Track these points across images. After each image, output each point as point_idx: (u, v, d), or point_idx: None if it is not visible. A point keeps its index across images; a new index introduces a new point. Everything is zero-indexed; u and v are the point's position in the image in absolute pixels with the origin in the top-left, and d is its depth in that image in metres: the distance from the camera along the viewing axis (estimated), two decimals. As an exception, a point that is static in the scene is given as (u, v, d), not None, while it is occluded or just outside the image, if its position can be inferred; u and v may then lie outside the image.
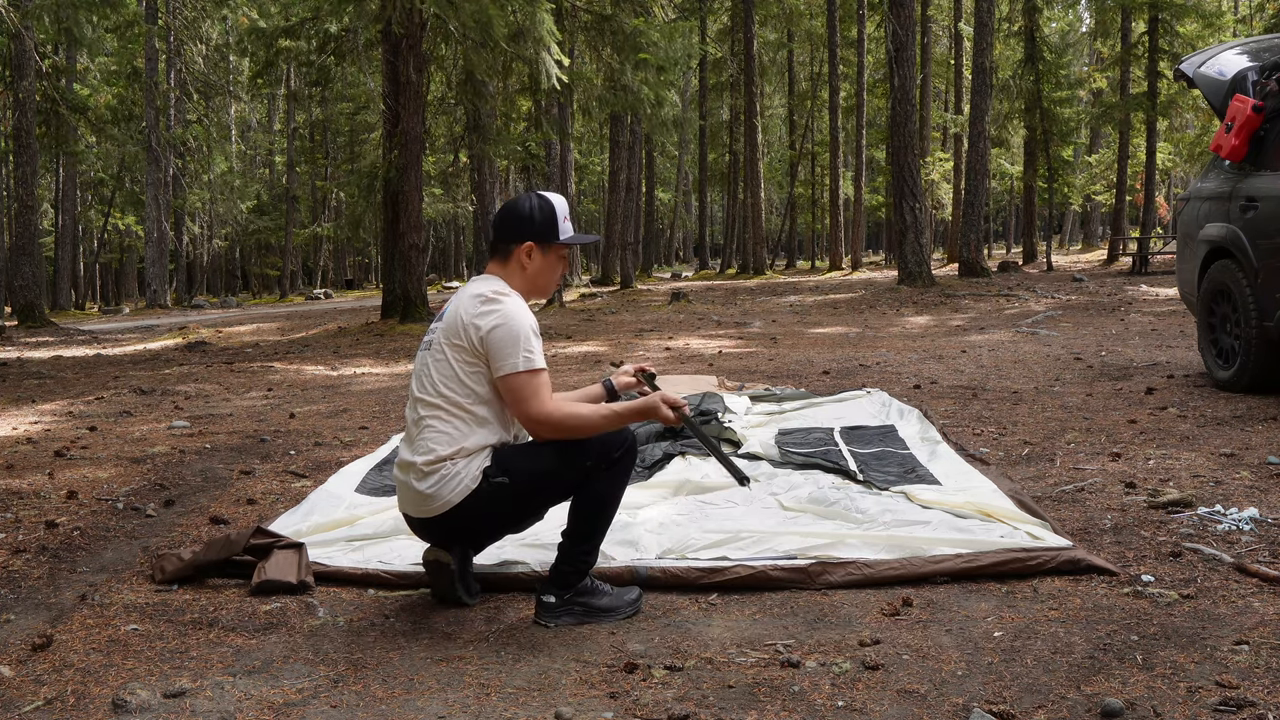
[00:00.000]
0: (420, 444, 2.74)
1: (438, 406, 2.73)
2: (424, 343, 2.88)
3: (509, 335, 2.69)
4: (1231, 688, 2.18)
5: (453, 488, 2.70)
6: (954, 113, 34.75)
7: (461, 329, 2.72)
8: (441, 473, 2.70)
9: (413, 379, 2.86)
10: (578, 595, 2.76)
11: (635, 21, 15.17)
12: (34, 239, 19.06)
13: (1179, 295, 7.37)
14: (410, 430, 2.81)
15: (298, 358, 11.30)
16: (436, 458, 2.70)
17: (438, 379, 2.75)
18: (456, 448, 2.71)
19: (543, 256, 2.86)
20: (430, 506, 2.73)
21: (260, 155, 46.16)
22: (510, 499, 2.74)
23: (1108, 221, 38.36)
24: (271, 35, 14.73)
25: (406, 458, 2.78)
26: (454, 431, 2.72)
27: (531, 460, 2.75)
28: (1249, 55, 6.51)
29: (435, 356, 2.77)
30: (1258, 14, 24.51)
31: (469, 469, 2.70)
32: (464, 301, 2.77)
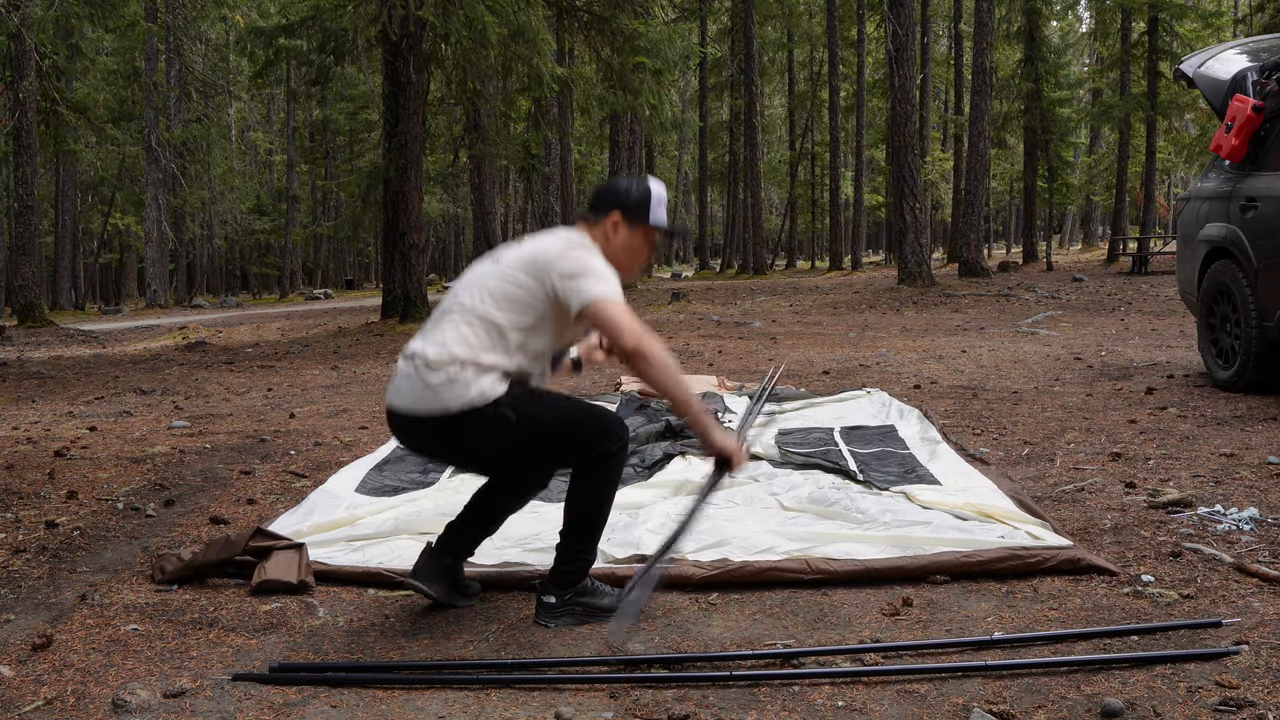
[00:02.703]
0: (435, 337, 2.66)
1: (473, 311, 2.66)
2: (488, 256, 2.81)
3: (596, 267, 2.62)
4: (1231, 688, 2.18)
5: (457, 394, 2.60)
6: (954, 113, 34.76)
7: (542, 262, 2.65)
8: (451, 374, 2.60)
9: (463, 283, 2.77)
10: (578, 595, 2.74)
11: (635, 23, 15.16)
12: (34, 239, 19.06)
13: (1179, 295, 7.37)
14: (428, 325, 2.74)
15: (298, 358, 11.31)
16: (450, 356, 2.61)
17: (489, 290, 2.67)
18: (472, 356, 2.62)
19: (628, 233, 2.80)
20: (427, 404, 2.62)
21: (260, 155, 46.17)
22: (506, 435, 2.64)
23: (1108, 221, 38.37)
24: (271, 35, 14.73)
25: (417, 348, 2.69)
26: (475, 340, 2.63)
27: (544, 411, 2.67)
28: (1249, 55, 6.52)
29: (502, 273, 2.70)
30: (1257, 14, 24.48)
31: (479, 384, 2.60)
32: (550, 240, 2.71)
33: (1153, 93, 24.65)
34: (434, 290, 31.09)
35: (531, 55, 13.15)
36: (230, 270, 51.27)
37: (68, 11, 15.16)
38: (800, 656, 2.44)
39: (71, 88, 23.56)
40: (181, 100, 31.95)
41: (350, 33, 13.39)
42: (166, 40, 29.46)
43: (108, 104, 28.03)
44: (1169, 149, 29.39)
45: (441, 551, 2.85)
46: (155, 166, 28.47)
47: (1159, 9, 24.28)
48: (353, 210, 21.44)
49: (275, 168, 45.74)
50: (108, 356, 12.41)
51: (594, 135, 37.78)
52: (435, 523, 3.54)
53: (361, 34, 13.39)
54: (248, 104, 44.03)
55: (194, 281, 44.82)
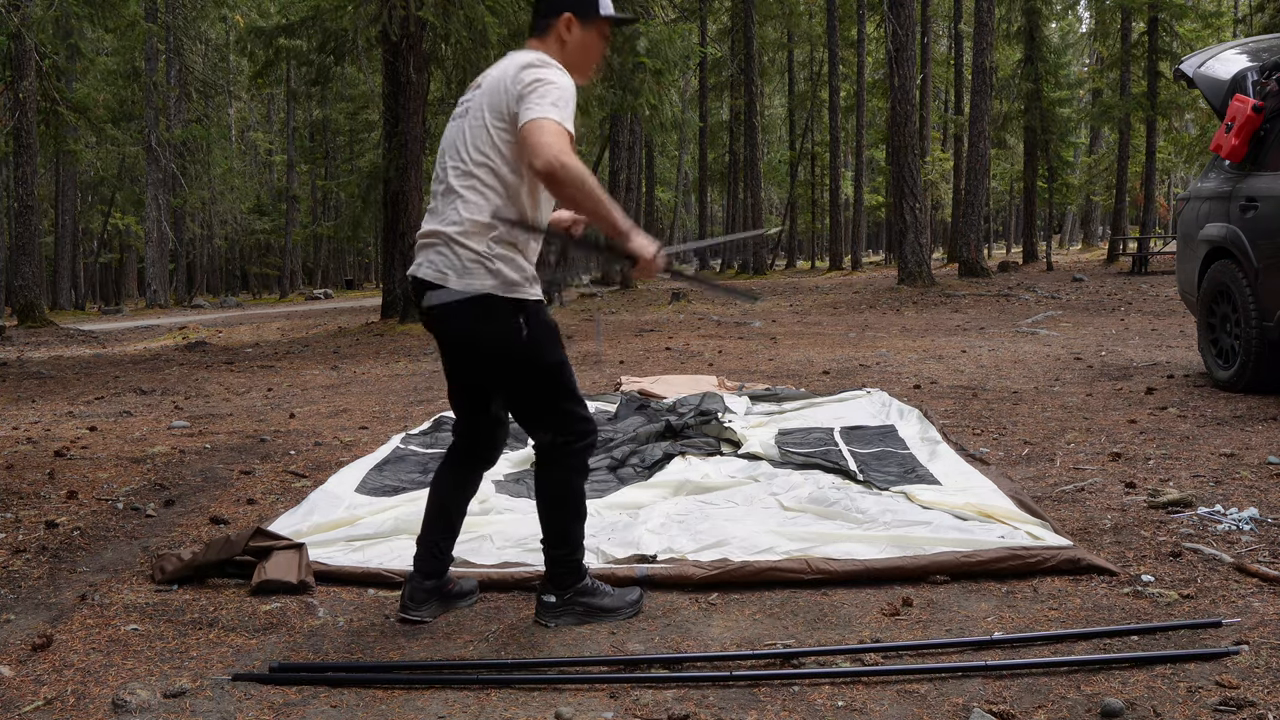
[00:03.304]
0: (451, 213, 2.60)
1: (471, 174, 2.59)
2: (457, 113, 2.72)
3: (549, 88, 2.50)
4: (1231, 688, 2.18)
5: (482, 278, 2.55)
6: (954, 113, 34.77)
7: (503, 91, 2.56)
8: (481, 254, 2.55)
9: (442, 153, 2.71)
10: (578, 595, 2.73)
11: (636, 24, 15.16)
12: (34, 239, 19.07)
13: (1179, 295, 7.37)
14: (438, 204, 2.67)
15: (298, 358, 11.31)
16: (474, 224, 2.56)
17: (472, 145, 2.60)
18: (489, 218, 2.56)
19: (582, 30, 2.71)
20: (460, 279, 2.55)
21: (260, 155, 46.18)
22: (516, 339, 2.57)
23: (1107, 221, 38.37)
24: (271, 35, 14.74)
25: (435, 228, 2.62)
26: (484, 202, 2.57)
27: (551, 347, 2.63)
28: (1249, 55, 6.52)
29: (472, 123, 2.62)
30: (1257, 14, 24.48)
31: (507, 275, 2.55)
32: (507, 67, 2.61)
33: (1153, 93, 24.65)
34: (434, 290, 31.03)
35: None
36: (230, 270, 51.28)
37: (68, 11, 15.18)
38: (800, 656, 2.44)
39: (71, 88, 23.57)
40: (181, 100, 31.96)
41: (350, 33, 13.40)
42: (166, 40, 29.47)
43: (108, 104, 28.04)
44: (1169, 149, 29.39)
45: (421, 576, 2.81)
46: (155, 166, 28.48)
47: (1159, 9, 24.29)
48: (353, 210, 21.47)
49: (275, 168, 45.75)
50: (108, 356, 12.41)
51: (594, 135, 37.77)
52: (435, 523, 3.55)
53: (361, 34, 13.40)
54: (248, 104, 44.04)
55: (194, 281, 44.83)
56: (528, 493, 4.04)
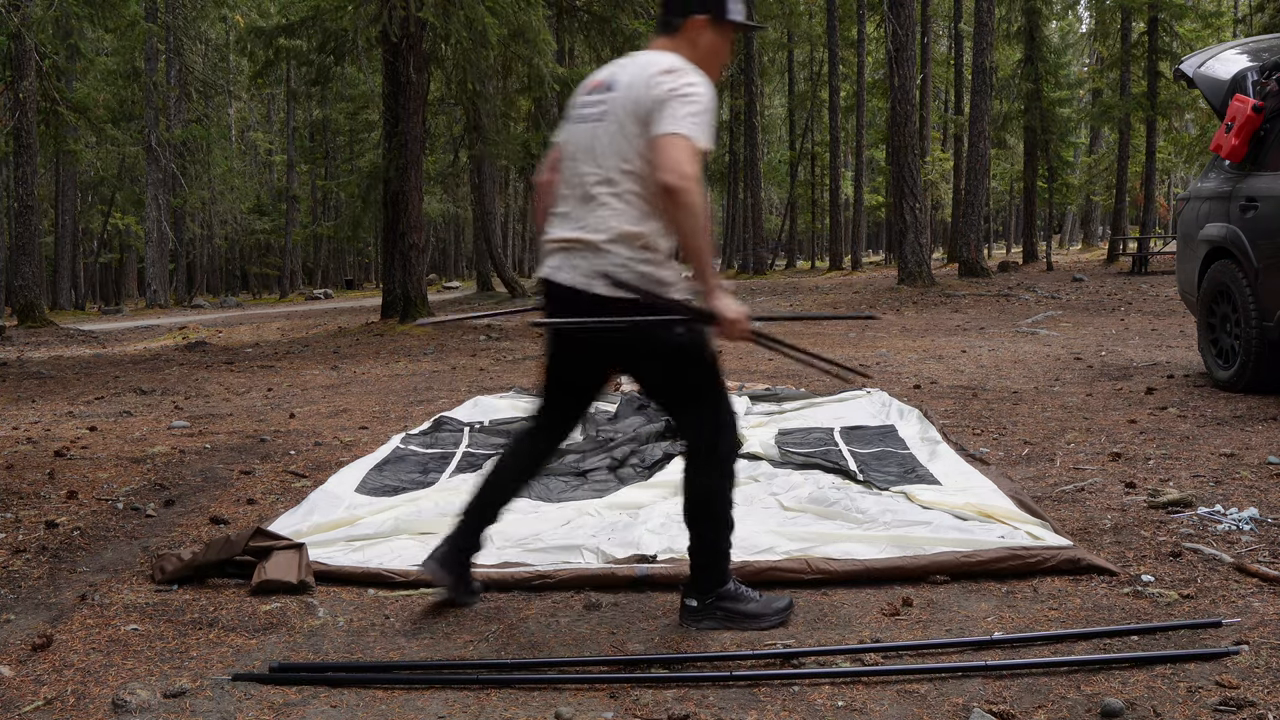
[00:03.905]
0: (595, 220, 2.53)
1: (614, 182, 2.53)
2: (587, 114, 2.63)
3: (693, 101, 2.44)
4: (1231, 688, 2.18)
5: (638, 281, 2.51)
6: (954, 113, 34.76)
7: (642, 95, 2.49)
8: (628, 261, 2.50)
9: (573, 157, 2.63)
10: (720, 600, 2.66)
11: (635, 23, 15.17)
12: (34, 239, 19.06)
13: (1179, 295, 7.37)
14: (574, 210, 2.59)
15: (298, 358, 11.31)
16: (622, 233, 2.51)
17: (614, 151, 2.53)
18: (638, 228, 2.51)
19: (714, 34, 2.64)
20: (609, 284, 2.50)
21: (260, 155, 46.18)
22: (673, 339, 2.54)
23: (1107, 221, 38.36)
24: (271, 35, 14.73)
25: (579, 235, 2.55)
26: (631, 210, 2.52)
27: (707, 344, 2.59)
28: (1249, 55, 6.52)
29: (612, 127, 2.54)
30: (1257, 14, 24.48)
31: (663, 276, 2.53)
32: (644, 68, 2.53)
33: (1153, 93, 24.64)
34: (434, 290, 31.08)
35: (532, 55, 13.16)
36: (230, 270, 51.27)
37: (68, 11, 15.18)
38: (800, 656, 2.44)
39: (71, 88, 23.57)
40: (181, 100, 31.96)
41: (350, 33, 13.40)
42: (166, 40, 29.46)
43: (108, 104, 28.04)
44: (1169, 149, 29.40)
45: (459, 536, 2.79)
46: (155, 166, 28.48)
47: (1159, 9, 24.28)
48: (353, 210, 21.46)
49: (275, 168, 45.74)
50: (108, 356, 12.41)
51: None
52: (435, 523, 3.55)
53: (361, 34, 13.39)
54: (248, 104, 44.03)
55: (194, 281, 44.84)
56: (528, 493, 4.04)
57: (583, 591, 2.97)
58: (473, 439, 5.20)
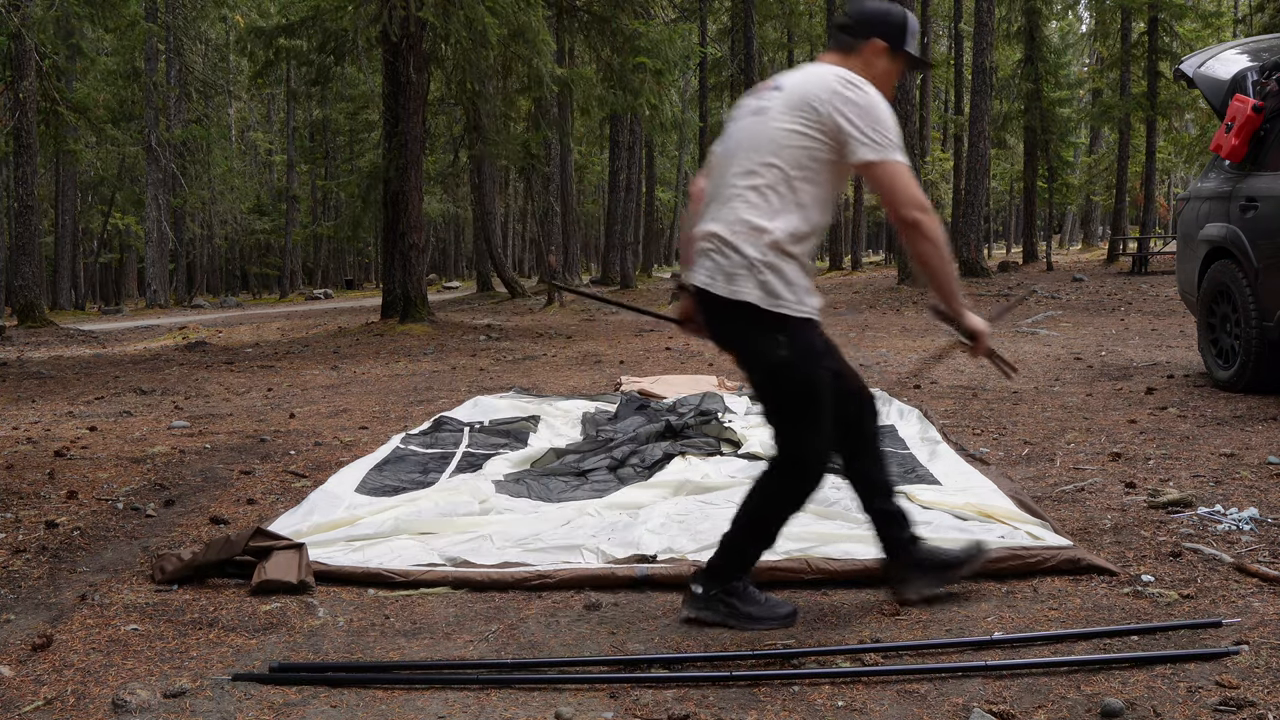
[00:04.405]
0: (727, 213, 2.55)
1: (756, 175, 2.52)
2: (746, 112, 2.65)
3: (886, 119, 2.47)
4: (1231, 688, 2.18)
5: (748, 287, 2.50)
6: (954, 113, 34.77)
7: (818, 101, 2.48)
8: (751, 260, 2.49)
9: (728, 153, 2.63)
10: (726, 594, 2.65)
11: (635, 23, 15.17)
12: (34, 239, 19.05)
13: (1179, 295, 7.37)
14: (716, 205, 2.61)
15: (298, 358, 11.31)
16: (748, 226, 2.51)
17: (765, 148, 2.52)
18: (768, 223, 2.50)
19: (889, 62, 2.66)
20: (727, 285, 2.52)
21: (260, 155, 46.18)
22: (773, 354, 2.54)
23: (1108, 221, 38.36)
24: (271, 35, 14.73)
25: (710, 228, 2.58)
26: (765, 206, 2.51)
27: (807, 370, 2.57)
28: (1249, 55, 6.52)
29: (773, 123, 2.53)
30: (1257, 14, 24.48)
31: (773, 286, 2.49)
32: (820, 78, 2.53)
33: (1153, 93, 24.64)
34: (434, 290, 31.08)
35: (531, 55, 13.16)
36: (230, 270, 51.27)
37: (68, 11, 15.18)
38: (800, 656, 2.44)
39: (71, 88, 23.57)
40: (181, 100, 31.95)
41: (350, 33, 13.40)
42: (166, 40, 29.46)
43: (108, 104, 28.03)
44: (1169, 149, 29.39)
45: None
46: (155, 166, 28.48)
47: (1159, 9, 24.27)
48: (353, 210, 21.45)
49: (275, 168, 45.73)
50: (108, 356, 12.40)
51: (594, 135, 37.79)
52: (435, 523, 3.55)
53: (361, 34, 13.39)
54: (248, 104, 44.02)
55: (194, 281, 44.83)
56: (528, 493, 4.04)
57: (583, 591, 2.97)
58: (473, 439, 5.20)
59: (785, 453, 2.65)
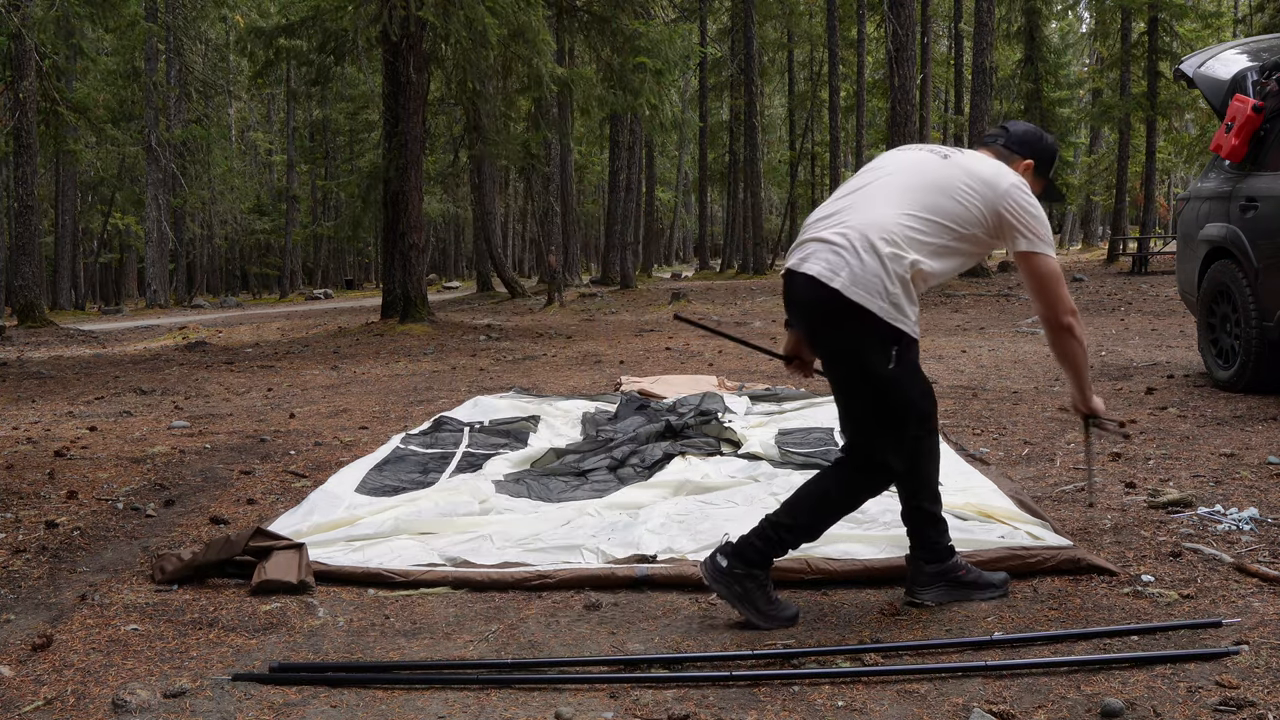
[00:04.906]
0: (885, 222, 2.58)
1: (928, 204, 2.62)
2: (925, 148, 2.78)
3: (1044, 219, 2.65)
4: (1231, 688, 2.18)
5: (875, 295, 2.53)
6: (954, 113, 34.77)
7: (999, 186, 2.63)
8: (886, 273, 2.53)
9: (885, 167, 2.73)
10: (748, 579, 2.66)
11: (635, 23, 15.17)
12: (34, 239, 19.06)
13: (1179, 295, 7.37)
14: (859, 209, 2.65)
15: (298, 358, 11.31)
16: (908, 240, 2.57)
17: (937, 187, 2.63)
18: (915, 251, 2.57)
19: (1033, 182, 2.81)
20: (852, 286, 2.53)
21: (260, 155, 46.18)
22: (882, 365, 2.58)
23: (1107, 221, 38.37)
24: (271, 35, 14.73)
25: (845, 229, 2.60)
26: (922, 233, 2.59)
27: (910, 386, 2.65)
28: (1249, 55, 6.51)
29: (957, 174, 2.66)
30: (1257, 14, 24.49)
31: (900, 301, 2.55)
32: (997, 170, 2.68)
33: (1153, 93, 24.64)
34: (434, 290, 31.07)
35: (531, 55, 13.16)
36: (230, 270, 51.27)
37: (68, 11, 15.18)
38: (800, 656, 2.44)
39: (71, 88, 23.57)
40: (181, 100, 31.95)
41: (350, 33, 13.41)
42: (166, 40, 29.46)
43: (108, 104, 28.03)
44: (1169, 149, 29.40)
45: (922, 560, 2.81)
46: (155, 166, 28.48)
47: (1159, 9, 24.28)
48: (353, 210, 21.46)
49: (275, 168, 45.73)
50: (108, 356, 12.41)
51: (594, 135, 37.79)
52: (435, 523, 3.55)
53: (361, 34, 13.40)
54: (248, 104, 44.03)
55: (194, 281, 44.83)
56: (528, 493, 4.04)
57: (583, 591, 2.97)
58: (473, 439, 5.20)
59: (865, 455, 2.69)
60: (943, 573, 2.78)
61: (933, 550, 2.79)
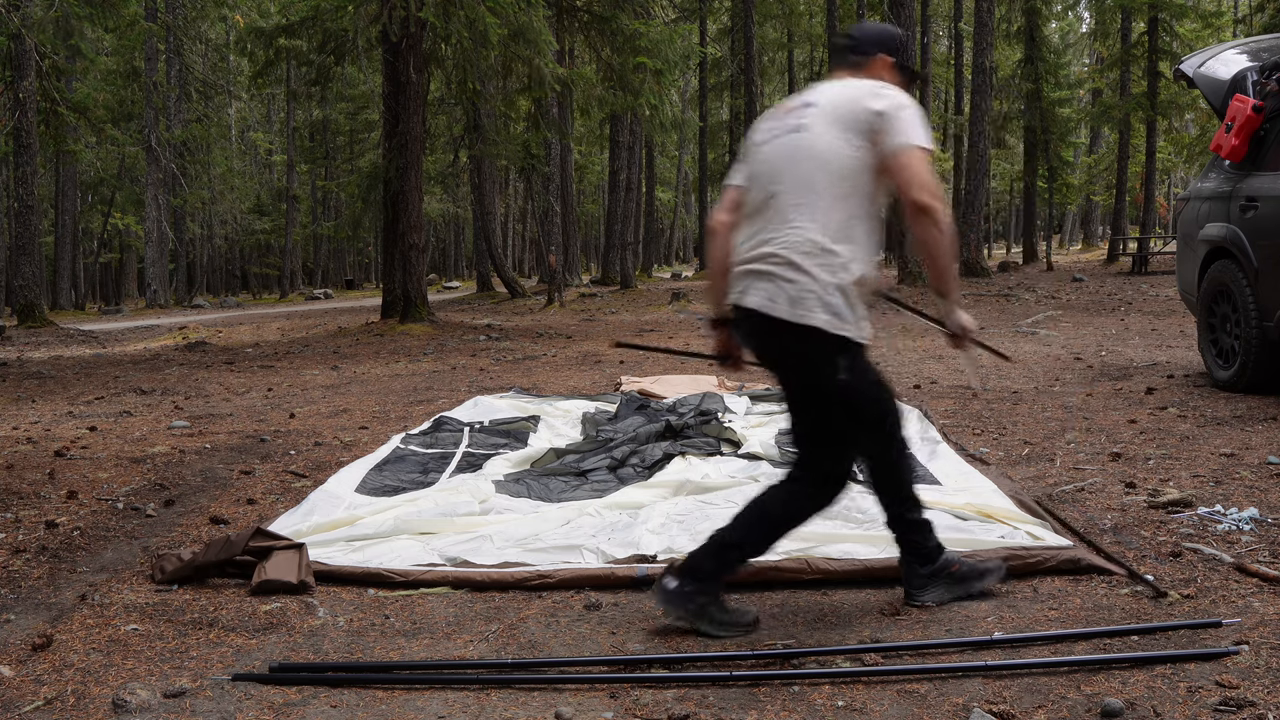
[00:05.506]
0: (791, 234, 2.54)
1: (811, 190, 2.54)
2: (781, 129, 2.66)
3: (914, 115, 2.56)
4: (1231, 688, 2.18)
5: (815, 310, 2.50)
6: (954, 113, 34.76)
7: (852, 105, 2.56)
8: (820, 283, 2.50)
9: (773, 171, 2.63)
10: (701, 594, 2.63)
11: (635, 23, 15.16)
12: (34, 239, 19.05)
13: (1179, 295, 7.37)
14: (767, 225, 2.60)
15: (298, 358, 11.31)
16: (822, 248, 2.52)
17: (819, 164, 2.55)
18: (834, 244, 2.52)
19: (895, 75, 2.76)
20: (788, 309, 2.52)
21: (260, 155, 46.17)
22: (832, 379, 2.55)
23: (1108, 221, 38.36)
24: (271, 35, 14.73)
25: (772, 250, 2.56)
26: (826, 224, 2.53)
27: (866, 393, 2.61)
28: (1249, 55, 6.51)
29: (819, 139, 2.57)
30: (1258, 14, 24.48)
31: (839, 309, 2.51)
32: (852, 89, 2.62)
33: (1153, 93, 24.64)
34: (434, 290, 31.07)
35: (532, 55, 13.15)
36: (230, 270, 51.25)
37: (68, 12, 15.16)
38: (800, 656, 2.44)
39: (71, 88, 23.53)
40: (181, 100, 31.93)
41: (350, 33, 13.40)
42: (166, 40, 29.45)
43: (108, 104, 28.02)
44: (1169, 149, 29.39)
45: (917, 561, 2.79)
46: (155, 166, 28.47)
47: (1159, 9, 24.28)
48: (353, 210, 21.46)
49: (275, 168, 45.72)
50: (108, 356, 12.40)
51: (594, 135, 37.76)
52: (435, 523, 3.55)
53: (361, 34, 13.39)
54: (248, 104, 44.00)
55: (194, 281, 44.81)
56: (528, 493, 4.04)
57: (583, 591, 2.97)
58: (473, 439, 5.20)
59: (822, 469, 2.67)
60: (936, 572, 2.78)
61: (923, 553, 2.79)
